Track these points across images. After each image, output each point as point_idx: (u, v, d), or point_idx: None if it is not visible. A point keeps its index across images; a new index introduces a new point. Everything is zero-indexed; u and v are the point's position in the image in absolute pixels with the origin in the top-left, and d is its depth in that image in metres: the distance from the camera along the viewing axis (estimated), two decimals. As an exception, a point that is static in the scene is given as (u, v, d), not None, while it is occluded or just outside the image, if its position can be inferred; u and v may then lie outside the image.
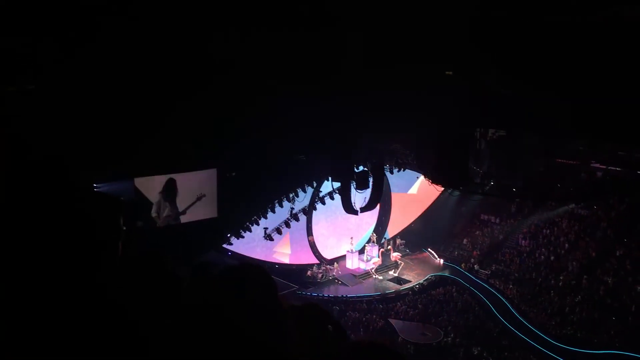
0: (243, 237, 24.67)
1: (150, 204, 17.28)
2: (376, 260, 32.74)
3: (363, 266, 32.74)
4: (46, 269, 1.62)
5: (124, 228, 1.92)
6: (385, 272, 32.43)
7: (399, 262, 32.94)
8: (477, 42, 12.49)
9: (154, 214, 17.39)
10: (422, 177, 31.14)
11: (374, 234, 34.36)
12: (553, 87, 12.72)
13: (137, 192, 16.93)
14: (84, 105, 11.61)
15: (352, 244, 33.18)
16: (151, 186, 17.48)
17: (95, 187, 14.18)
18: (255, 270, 1.77)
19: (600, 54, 11.61)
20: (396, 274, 32.28)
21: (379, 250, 33.39)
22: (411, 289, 30.66)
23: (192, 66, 12.69)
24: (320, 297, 28.98)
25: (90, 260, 1.73)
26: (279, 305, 1.72)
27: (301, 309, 2.39)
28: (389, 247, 33.78)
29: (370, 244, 33.52)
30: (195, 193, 18.34)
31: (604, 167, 25.57)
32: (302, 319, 2.25)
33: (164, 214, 17.60)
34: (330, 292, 30.28)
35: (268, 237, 27.06)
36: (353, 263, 32.82)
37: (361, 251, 33.56)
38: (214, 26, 11.78)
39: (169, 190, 17.65)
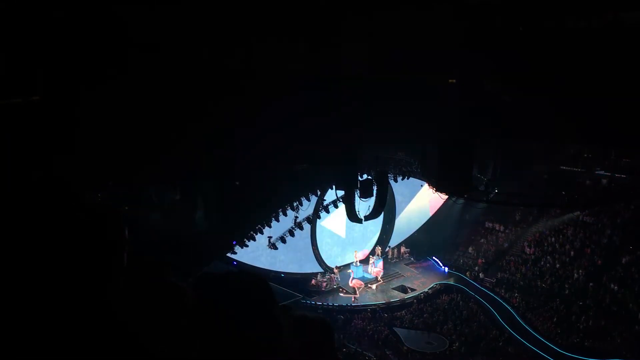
0: (247, 246, 24.65)
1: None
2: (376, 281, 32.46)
3: (367, 275, 32.64)
4: (49, 280, 1.64)
5: (128, 238, 1.94)
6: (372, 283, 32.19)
7: (379, 278, 32.47)
8: (478, 50, 12.54)
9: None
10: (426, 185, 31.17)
11: (378, 247, 34.22)
12: (555, 93, 12.73)
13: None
14: (90, 118, 11.68)
15: (356, 257, 33.08)
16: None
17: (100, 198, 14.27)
18: (252, 282, 1.70)
19: (602, 59, 11.64)
20: (373, 287, 31.93)
21: (382, 261, 33.25)
22: (416, 297, 30.54)
23: (197, 77, 12.76)
24: (325, 306, 28.91)
25: (98, 272, 1.74)
26: (277, 323, 1.65)
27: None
28: (371, 262, 33.10)
29: (374, 257, 33.42)
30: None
31: (609, 174, 25.52)
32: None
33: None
34: (334, 300, 30.20)
35: (272, 245, 27.03)
36: (357, 272, 32.74)
37: (365, 261, 33.46)
38: (219, 37, 11.87)
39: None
